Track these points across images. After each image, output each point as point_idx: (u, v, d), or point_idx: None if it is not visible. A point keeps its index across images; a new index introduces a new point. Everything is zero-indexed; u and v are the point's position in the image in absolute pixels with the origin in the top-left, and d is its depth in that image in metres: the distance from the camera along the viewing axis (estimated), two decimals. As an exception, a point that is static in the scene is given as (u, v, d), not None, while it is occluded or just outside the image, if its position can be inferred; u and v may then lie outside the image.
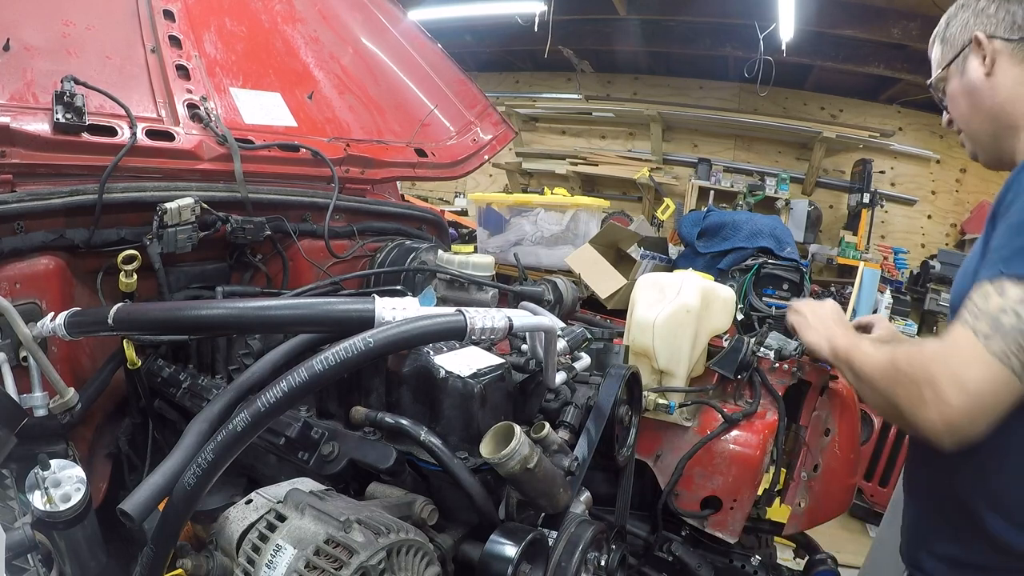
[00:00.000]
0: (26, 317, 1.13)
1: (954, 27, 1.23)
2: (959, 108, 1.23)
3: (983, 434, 0.97)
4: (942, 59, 1.25)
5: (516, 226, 3.77)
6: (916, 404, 0.99)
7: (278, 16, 2.16)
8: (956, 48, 1.22)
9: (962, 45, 1.20)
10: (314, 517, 0.81)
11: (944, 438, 0.97)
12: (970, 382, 0.94)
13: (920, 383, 0.98)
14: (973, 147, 1.26)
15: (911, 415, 1.00)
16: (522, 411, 1.19)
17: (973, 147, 1.26)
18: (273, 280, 1.71)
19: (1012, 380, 0.93)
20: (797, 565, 1.75)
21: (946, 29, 1.25)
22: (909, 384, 1.01)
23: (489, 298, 1.58)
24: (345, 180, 1.90)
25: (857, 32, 5.09)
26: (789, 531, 1.65)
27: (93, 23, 1.62)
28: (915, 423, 1.00)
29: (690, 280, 1.55)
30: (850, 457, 1.65)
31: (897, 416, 1.05)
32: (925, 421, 0.97)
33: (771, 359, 1.61)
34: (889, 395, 1.06)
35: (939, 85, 1.27)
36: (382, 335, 0.81)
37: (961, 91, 1.21)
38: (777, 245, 3.47)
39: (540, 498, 0.96)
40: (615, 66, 7.16)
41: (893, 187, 6.20)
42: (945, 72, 1.24)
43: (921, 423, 0.98)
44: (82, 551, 0.89)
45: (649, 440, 1.59)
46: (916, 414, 0.99)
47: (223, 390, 1.06)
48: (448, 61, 2.44)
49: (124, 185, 1.41)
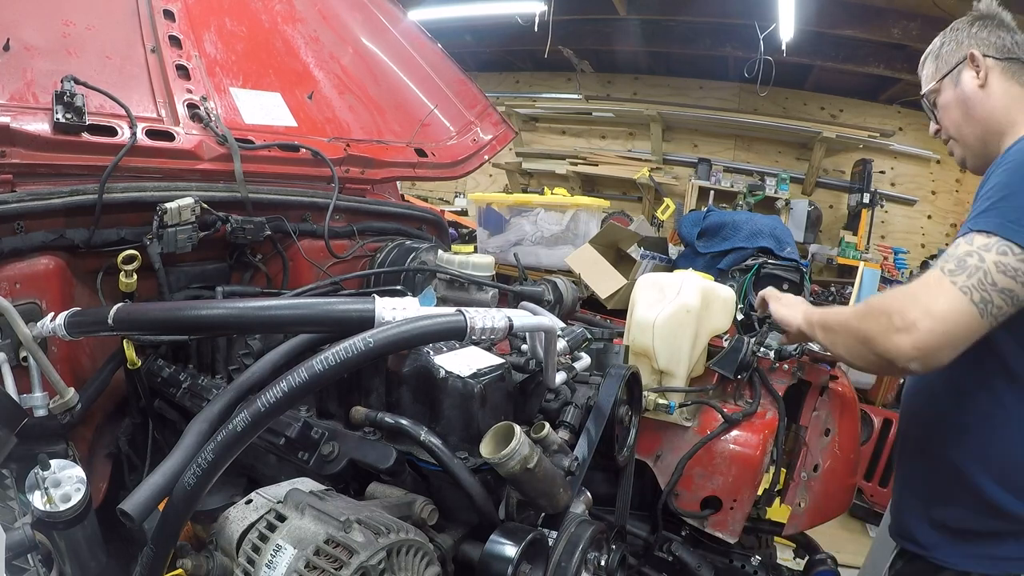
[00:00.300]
0: (26, 317, 1.13)
1: (948, 46, 1.39)
2: (951, 115, 1.37)
3: (948, 361, 1.08)
4: (936, 73, 1.40)
5: (516, 226, 3.77)
6: (886, 331, 1.10)
7: (278, 16, 2.16)
8: (950, 64, 1.37)
9: (957, 61, 1.36)
10: (314, 517, 0.81)
11: (912, 362, 1.08)
12: (936, 309, 1.06)
13: (891, 312, 1.10)
14: (962, 152, 1.39)
15: (882, 342, 1.10)
16: (522, 411, 1.19)
17: (962, 152, 1.39)
18: (273, 280, 1.71)
19: (973, 311, 1.05)
20: (797, 565, 1.75)
21: (940, 48, 1.40)
22: (880, 315, 1.12)
23: (489, 298, 1.58)
24: (345, 180, 1.90)
25: (857, 32, 5.09)
26: (789, 531, 1.65)
27: (93, 23, 1.62)
28: (886, 349, 1.10)
29: (690, 280, 1.55)
30: (850, 457, 1.65)
31: (869, 350, 1.15)
32: (895, 346, 1.08)
33: (771, 359, 1.61)
34: (861, 331, 1.16)
35: (931, 96, 1.41)
36: (382, 335, 0.81)
37: (955, 100, 1.36)
38: (777, 245, 3.47)
39: (540, 498, 0.96)
40: (615, 66, 7.16)
41: (893, 187, 6.21)
42: (939, 84, 1.38)
43: (892, 348, 1.09)
44: (82, 551, 0.89)
45: (649, 440, 1.59)
46: (886, 340, 1.10)
47: (223, 390, 1.06)
48: (448, 61, 2.44)
49: (124, 185, 1.41)
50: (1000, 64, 1.32)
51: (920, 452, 1.37)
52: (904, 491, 1.43)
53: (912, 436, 1.42)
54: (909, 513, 1.39)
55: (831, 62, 5.63)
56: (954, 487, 1.28)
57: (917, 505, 1.36)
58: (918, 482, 1.38)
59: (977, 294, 1.05)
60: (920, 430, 1.38)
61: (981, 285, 1.05)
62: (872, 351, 1.13)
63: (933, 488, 1.33)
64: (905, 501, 1.42)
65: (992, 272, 1.06)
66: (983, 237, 1.09)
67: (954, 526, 1.28)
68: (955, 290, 1.06)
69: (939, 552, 1.30)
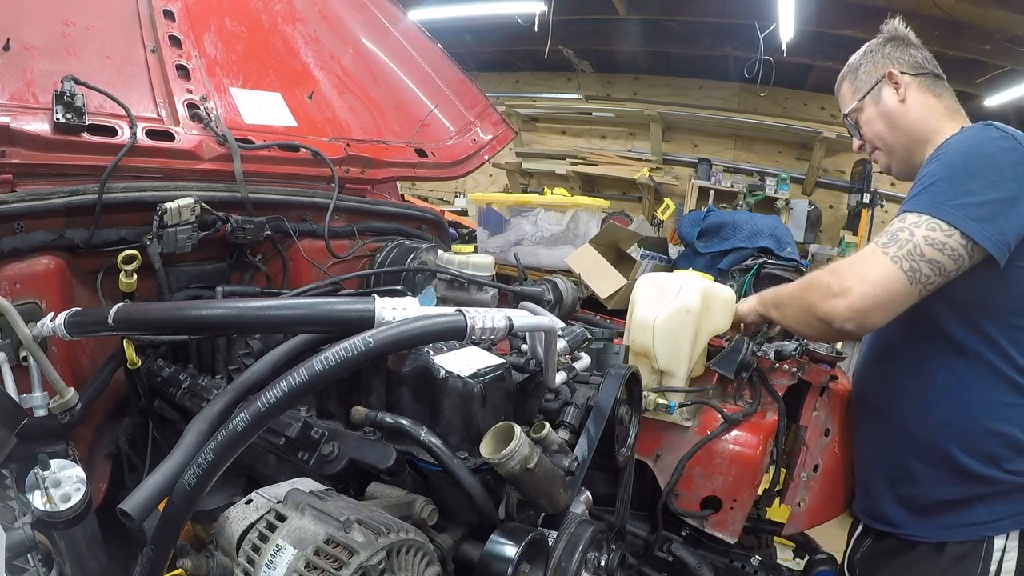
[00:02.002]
0: (26, 317, 1.13)
1: (866, 67, 1.53)
2: (875, 129, 1.52)
3: (881, 323, 1.23)
4: (856, 93, 1.55)
5: (516, 226, 3.77)
6: (824, 297, 1.26)
7: (278, 16, 2.16)
8: (870, 82, 1.51)
9: (875, 80, 1.50)
10: (314, 517, 0.81)
11: (847, 323, 1.23)
12: (869, 275, 1.21)
13: (829, 281, 1.27)
14: (888, 160, 1.54)
15: (821, 306, 1.27)
16: (522, 411, 1.18)
17: (888, 160, 1.54)
18: (273, 280, 1.71)
19: (902, 278, 1.19)
20: (797, 565, 1.74)
21: (858, 70, 1.55)
22: (819, 285, 1.29)
23: (489, 298, 1.58)
24: (345, 180, 1.90)
25: (857, 32, 5.07)
26: (789, 531, 1.64)
27: (93, 23, 1.62)
28: (825, 312, 1.26)
29: (690, 280, 1.55)
30: (850, 457, 1.65)
31: (811, 315, 1.31)
32: (833, 308, 1.24)
33: (771, 359, 1.61)
34: (804, 299, 1.33)
35: (854, 115, 1.56)
36: (382, 335, 0.81)
37: (879, 115, 1.50)
38: (777, 245, 3.47)
39: (540, 498, 0.96)
40: (615, 66, 7.16)
41: (893, 187, 6.17)
42: (861, 103, 1.53)
43: (830, 310, 1.25)
44: (82, 551, 0.89)
45: (649, 440, 1.59)
46: (825, 304, 1.26)
47: (223, 390, 1.06)
48: (448, 61, 2.44)
49: (124, 185, 1.41)
50: (916, 79, 1.47)
51: (883, 433, 1.45)
52: (869, 473, 1.51)
53: (871, 416, 1.52)
54: (876, 494, 1.45)
55: (831, 62, 5.62)
56: (921, 460, 1.35)
57: (884, 485, 1.43)
58: (883, 462, 1.44)
59: (907, 263, 1.19)
60: (880, 410, 1.48)
61: (911, 256, 1.19)
62: (813, 316, 1.30)
63: (900, 466, 1.39)
64: (872, 483, 1.48)
65: (921, 245, 1.19)
66: (914, 216, 1.23)
67: (924, 501, 1.35)
68: (887, 259, 1.20)
69: (912, 528, 1.37)
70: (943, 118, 1.44)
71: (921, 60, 1.49)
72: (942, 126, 1.41)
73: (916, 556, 1.35)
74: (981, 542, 1.28)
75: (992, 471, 1.28)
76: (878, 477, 1.46)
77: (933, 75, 1.48)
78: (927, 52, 1.51)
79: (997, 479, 1.28)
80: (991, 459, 1.28)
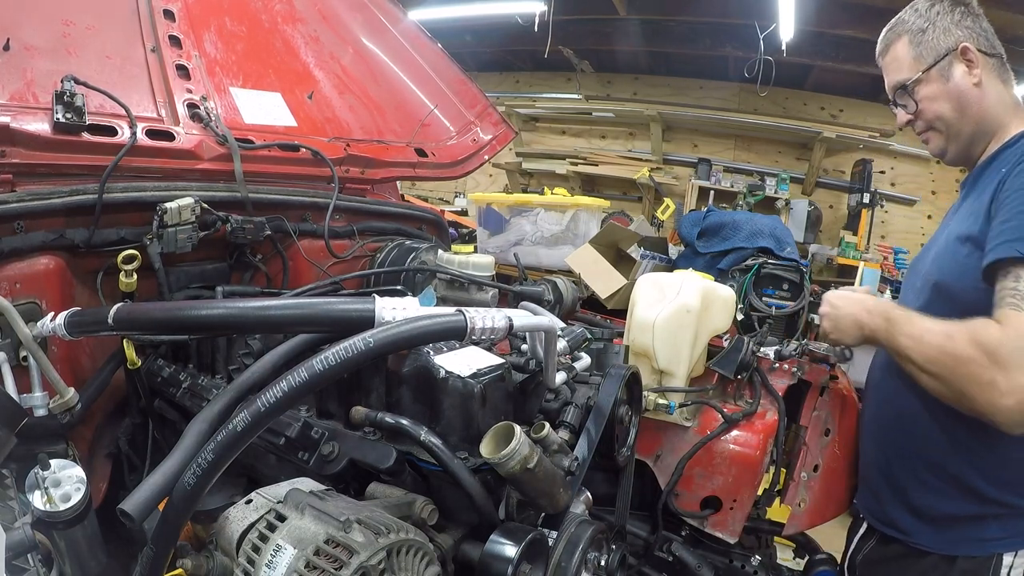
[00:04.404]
0: (26, 317, 1.13)
1: (932, 33, 1.29)
2: (939, 108, 1.30)
3: None
4: (918, 60, 1.30)
5: (516, 226, 3.76)
6: (985, 389, 1.05)
7: (278, 16, 2.16)
8: (938, 52, 1.28)
9: (945, 51, 1.27)
10: (314, 517, 0.81)
11: (1019, 428, 1.05)
12: None
13: (993, 377, 1.03)
14: (945, 145, 1.34)
15: (981, 401, 1.06)
16: (522, 411, 1.18)
17: (945, 145, 1.34)
18: (273, 280, 1.71)
19: None
20: (797, 565, 1.74)
21: (923, 34, 1.30)
22: (978, 375, 1.06)
23: (489, 298, 1.58)
24: (345, 180, 1.90)
25: (857, 32, 5.08)
26: (789, 531, 1.64)
27: (93, 23, 1.62)
28: (985, 409, 1.06)
29: (690, 280, 1.55)
30: (850, 457, 1.65)
31: (964, 403, 1.10)
32: (1001, 410, 1.04)
33: (771, 359, 1.61)
34: (957, 384, 1.10)
35: (912, 86, 1.32)
36: (382, 335, 0.81)
37: (946, 94, 1.29)
38: (777, 245, 3.47)
39: (540, 498, 0.96)
40: (615, 66, 7.16)
41: (893, 187, 6.20)
42: (925, 75, 1.30)
43: (996, 412, 1.04)
44: (82, 551, 0.89)
45: (649, 440, 1.59)
46: (986, 399, 1.05)
47: (223, 390, 1.06)
48: (448, 61, 2.44)
49: (124, 185, 1.41)
50: (992, 61, 1.29)
51: (899, 444, 1.39)
52: (879, 478, 1.45)
53: (886, 427, 1.43)
54: (884, 498, 1.41)
55: (831, 62, 5.63)
56: (937, 477, 1.30)
57: (894, 492, 1.39)
58: (896, 470, 1.40)
59: None
60: (900, 420, 1.39)
61: None
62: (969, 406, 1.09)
63: (915, 477, 1.35)
64: (881, 488, 1.43)
65: None
66: None
67: (935, 513, 1.30)
68: None
69: (921, 537, 1.32)
70: (1010, 111, 1.29)
71: (991, 38, 1.30)
72: (1008, 120, 1.28)
73: (925, 566, 1.32)
74: (991, 558, 1.25)
75: (1009, 497, 1.24)
76: (888, 483, 1.42)
77: (1002, 58, 1.30)
78: (989, 24, 1.32)
79: (1012, 503, 1.25)
80: (1008, 485, 1.25)
